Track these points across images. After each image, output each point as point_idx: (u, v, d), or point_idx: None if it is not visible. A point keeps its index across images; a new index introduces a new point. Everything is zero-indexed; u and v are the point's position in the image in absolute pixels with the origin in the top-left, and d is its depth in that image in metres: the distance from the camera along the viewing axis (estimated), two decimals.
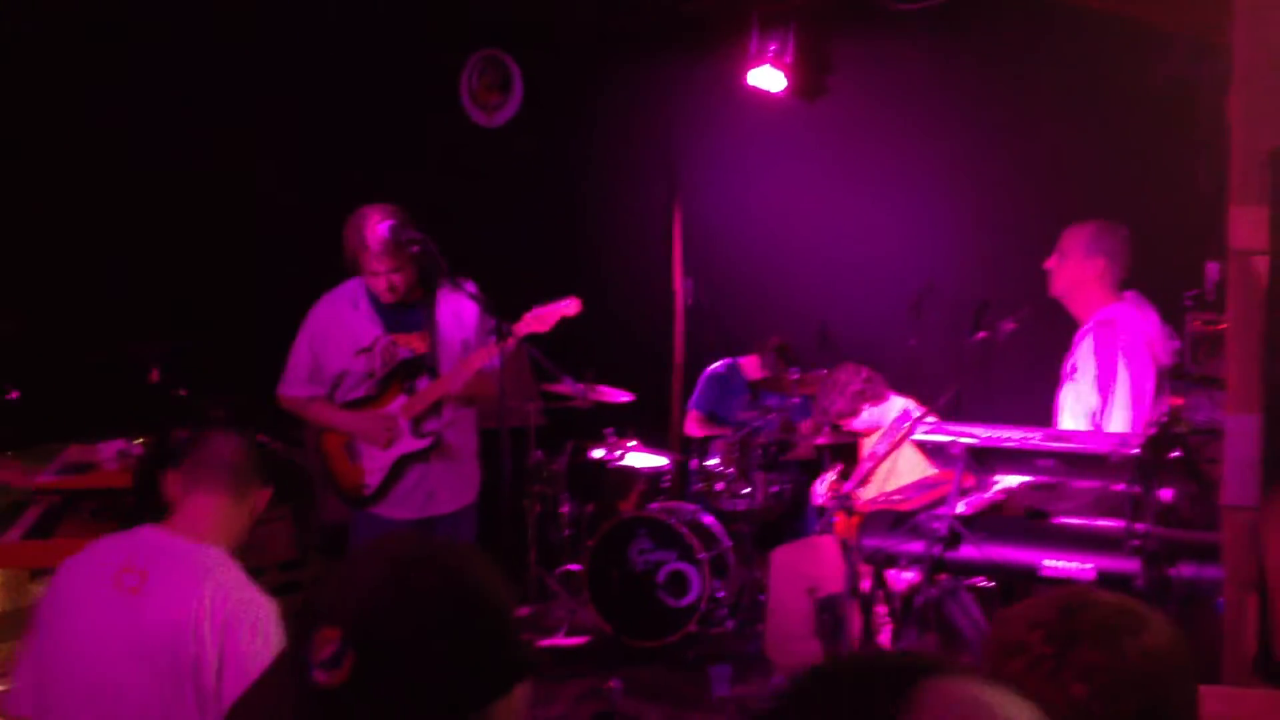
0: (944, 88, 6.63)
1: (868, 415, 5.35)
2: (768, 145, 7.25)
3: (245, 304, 6.99)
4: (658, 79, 7.44)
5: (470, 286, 4.52)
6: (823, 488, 5.50)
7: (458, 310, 4.57)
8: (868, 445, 5.48)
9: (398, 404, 4.49)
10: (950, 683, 1.02)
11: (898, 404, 5.28)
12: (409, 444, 4.49)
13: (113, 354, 5.53)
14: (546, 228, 7.65)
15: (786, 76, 6.90)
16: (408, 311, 4.53)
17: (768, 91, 6.96)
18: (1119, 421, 4.09)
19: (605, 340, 6.48)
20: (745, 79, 6.95)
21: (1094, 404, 4.09)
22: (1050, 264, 4.39)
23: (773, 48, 6.84)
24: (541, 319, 4.45)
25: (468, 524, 4.67)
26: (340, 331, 4.52)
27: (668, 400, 7.60)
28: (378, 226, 4.32)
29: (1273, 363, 2.59)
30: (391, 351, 4.49)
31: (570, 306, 4.49)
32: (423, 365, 4.51)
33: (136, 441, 4.96)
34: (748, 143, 7.34)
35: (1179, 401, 3.79)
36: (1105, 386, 4.12)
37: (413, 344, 4.51)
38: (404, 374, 4.51)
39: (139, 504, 4.79)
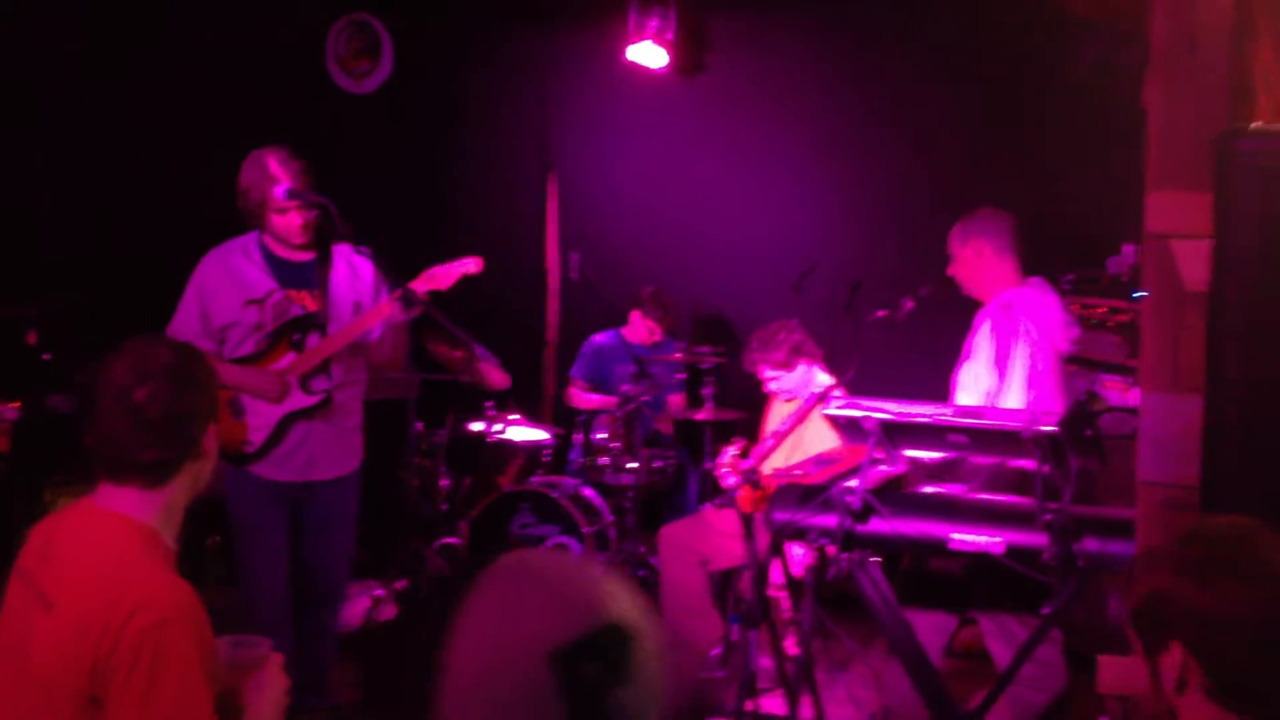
0: (828, 65, 6.72)
1: (801, 374, 5.35)
2: (647, 121, 7.24)
3: (119, 267, 6.71)
4: (534, 49, 7.35)
5: (366, 254, 4.42)
6: (725, 462, 5.53)
7: (352, 271, 4.48)
8: (774, 418, 5.53)
9: (286, 361, 4.36)
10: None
11: (822, 378, 5.30)
12: (298, 400, 4.37)
13: None
14: (417, 198, 7.49)
15: (668, 53, 6.90)
16: (301, 268, 4.43)
17: (647, 67, 6.95)
18: (1013, 401, 4.22)
19: (477, 314, 6.36)
20: (624, 54, 6.92)
21: (990, 384, 4.21)
22: (950, 271, 4.50)
23: (654, 24, 6.82)
24: (438, 278, 4.34)
25: (349, 492, 4.57)
26: (230, 281, 4.36)
27: (540, 376, 7.55)
28: (285, 164, 4.26)
29: (1215, 349, 2.70)
30: (284, 306, 4.36)
31: (472, 264, 4.38)
32: (313, 323, 4.39)
33: (10, 405, 4.74)
34: (627, 117, 7.31)
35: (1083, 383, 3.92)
36: (1001, 367, 4.24)
37: (304, 301, 4.40)
38: (293, 330, 4.38)
39: (12, 468, 4.59)
